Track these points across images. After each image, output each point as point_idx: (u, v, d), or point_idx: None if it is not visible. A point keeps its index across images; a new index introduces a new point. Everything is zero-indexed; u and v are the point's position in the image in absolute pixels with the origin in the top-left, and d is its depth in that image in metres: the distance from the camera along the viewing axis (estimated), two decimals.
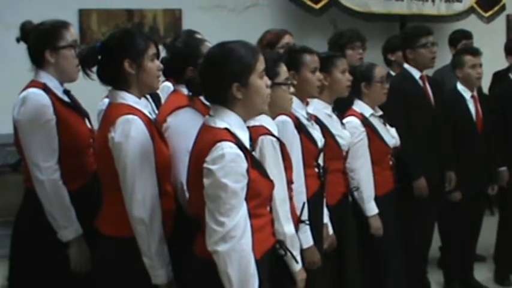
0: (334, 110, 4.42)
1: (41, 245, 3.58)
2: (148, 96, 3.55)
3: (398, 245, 4.85)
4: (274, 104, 3.37)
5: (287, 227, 3.27)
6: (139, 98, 3.29)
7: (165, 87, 4.15)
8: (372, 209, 4.59)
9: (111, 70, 3.23)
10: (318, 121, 4.16)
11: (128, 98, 3.22)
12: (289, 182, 3.44)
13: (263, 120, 3.32)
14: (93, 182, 3.62)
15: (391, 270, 4.74)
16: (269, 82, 3.04)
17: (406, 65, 5.45)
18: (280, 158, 3.30)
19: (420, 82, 5.39)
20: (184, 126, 3.35)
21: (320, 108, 4.29)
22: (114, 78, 3.25)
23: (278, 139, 3.32)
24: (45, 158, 3.49)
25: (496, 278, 6.08)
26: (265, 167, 3.12)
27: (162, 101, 3.94)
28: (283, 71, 3.52)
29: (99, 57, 3.25)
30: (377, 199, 4.62)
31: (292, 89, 3.57)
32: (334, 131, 4.29)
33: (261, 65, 2.98)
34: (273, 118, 3.51)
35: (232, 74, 2.90)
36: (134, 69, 3.22)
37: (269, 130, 3.31)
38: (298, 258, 3.35)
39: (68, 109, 3.64)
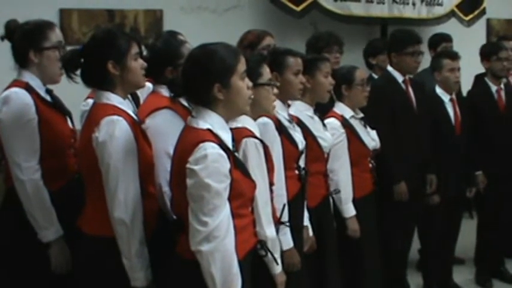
0: (316, 111, 4.42)
1: (21, 245, 3.56)
2: (128, 96, 3.54)
3: (376, 248, 4.87)
4: (257, 105, 3.38)
5: (269, 230, 3.29)
6: (124, 98, 3.28)
7: (145, 87, 4.13)
8: (349, 210, 4.60)
9: (95, 72, 3.22)
10: (300, 123, 4.17)
11: (113, 99, 3.21)
12: (271, 184, 3.44)
13: (245, 122, 3.32)
14: (74, 182, 3.62)
15: (369, 272, 4.76)
16: (250, 84, 3.06)
17: (389, 68, 5.49)
18: (263, 160, 3.31)
19: (403, 85, 5.42)
20: (163, 127, 3.35)
21: (302, 110, 4.30)
22: (99, 80, 3.24)
23: (261, 141, 3.33)
24: (26, 158, 3.47)
25: (477, 280, 6.11)
26: (248, 169, 3.13)
27: (141, 100, 3.92)
28: (266, 72, 3.52)
29: (82, 60, 3.23)
30: (355, 201, 4.63)
31: (275, 90, 3.57)
32: (316, 133, 4.29)
33: (242, 66, 3.00)
34: (255, 119, 3.51)
35: (214, 75, 2.91)
36: (118, 70, 3.21)
37: (252, 132, 3.32)
38: (279, 261, 3.37)
39: (50, 109, 3.63)
